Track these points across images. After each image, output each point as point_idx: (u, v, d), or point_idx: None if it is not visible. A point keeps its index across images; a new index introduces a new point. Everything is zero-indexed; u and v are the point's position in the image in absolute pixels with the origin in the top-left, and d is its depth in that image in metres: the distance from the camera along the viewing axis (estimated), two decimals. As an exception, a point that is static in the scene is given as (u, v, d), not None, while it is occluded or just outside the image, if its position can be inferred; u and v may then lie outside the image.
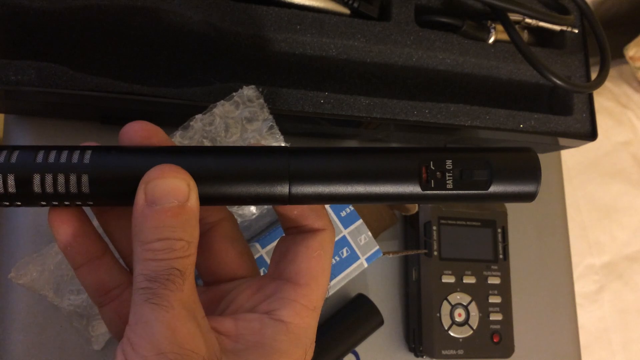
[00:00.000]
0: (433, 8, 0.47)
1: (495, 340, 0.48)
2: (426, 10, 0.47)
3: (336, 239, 0.42)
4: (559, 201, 0.59)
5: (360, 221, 0.43)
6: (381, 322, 0.46)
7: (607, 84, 0.85)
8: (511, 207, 0.52)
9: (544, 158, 0.58)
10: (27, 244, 0.41)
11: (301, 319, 0.24)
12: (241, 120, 0.40)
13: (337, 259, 0.43)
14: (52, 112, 0.42)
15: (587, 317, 0.76)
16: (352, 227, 0.43)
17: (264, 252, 0.41)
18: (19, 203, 0.22)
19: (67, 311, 0.38)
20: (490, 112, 0.46)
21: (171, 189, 0.20)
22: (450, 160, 0.22)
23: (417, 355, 0.48)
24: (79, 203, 0.22)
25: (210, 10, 0.40)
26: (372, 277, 0.49)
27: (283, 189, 0.22)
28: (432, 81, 0.48)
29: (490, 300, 0.49)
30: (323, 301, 0.25)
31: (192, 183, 0.21)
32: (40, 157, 0.21)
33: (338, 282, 0.42)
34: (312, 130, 0.47)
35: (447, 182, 0.22)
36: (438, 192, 0.22)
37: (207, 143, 0.40)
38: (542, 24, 0.48)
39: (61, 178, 0.21)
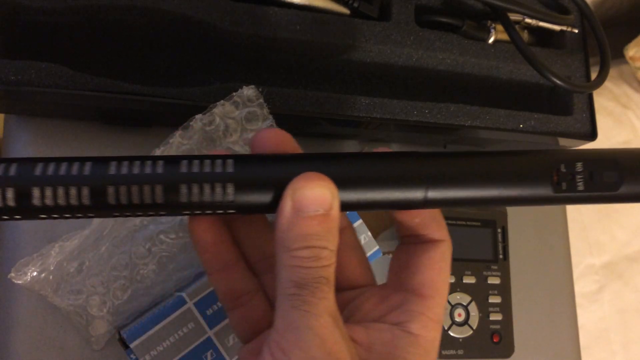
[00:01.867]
0: (433, 8, 0.47)
1: (495, 340, 0.48)
2: (426, 10, 0.46)
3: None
4: (559, 201, 0.59)
5: (360, 221, 0.43)
6: (381, 322, 0.46)
7: (607, 84, 0.85)
8: (511, 208, 0.52)
9: (544, 158, 0.58)
10: (27, 244, 0.41)
11: (428, 331, 0.24)
12: (241, 120, 0.40)
13: (337, 259, 0.42)
14: (52, 112, 0.42)
15: (587, 317, 0.76)
16: (352, 227, 0.43)
17: (264, 252, 0.41)
18: (163, 213, 0.22)
19: (67, 311, 0.38)
20: (490, 112, 0.46)
21: (317, 197, 0.21)
22: (581, 163, 0.23)
23: (417, 355, 0.48)
24: (221, 212, 0.22)
25: (210, 10, 0.40)
26: (372, 277, 0.49)
27: (419, 193, 0.22)
28: (432, 81, 0.48)
29: (490, 300, 0.49)
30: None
31: (335, 191, 0.21)
32: (184, 167, 0.21)
33: (338, 282, 0.42)
34: (312, 130, 0.47)
35: (578, 184, 0.23)
36: (569, 194, 0.23)
37: (206, 143, 0.40)
38: (542, 24, 0.48)
39: (207, 188, 0.21)
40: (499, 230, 0.50)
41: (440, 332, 0.25)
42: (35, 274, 0.37)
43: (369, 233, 0.43)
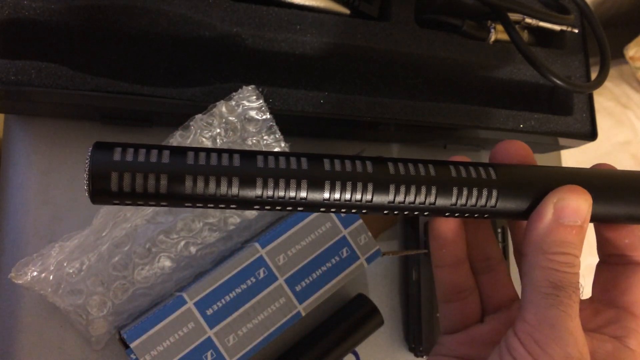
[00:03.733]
0: (433, 8, 0.47)
1: (495, 340, 0.48)
2: (426, 10, 0.47)
3: (336, 239, 0.42)
4: (559, 201, 0.59)
5: (360, 221, 0.43)
6: (381, 322, 0.46)
7: (607, 84, 0.85)
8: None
9: (544, 158, 0.58)
10: (27, 244, 0.41)
11: None
12: (241, 120, 0.40)
13: (337, 259, 0.43)
14: (52, 112, 0.42)
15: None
16: (352, 227, 0.43)
17: (264, 252, 0.41)
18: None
19: (67, 311, 0.38)
20: (490, 112, 0.46)
21: (578, 208, 0.23)
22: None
23: (417, 355, 0.48)
24: (477, 216, 0.24)
25: (210, 10, 0.40)
26: (372, 277, 0.49)
27: None
28: (432, 81, 0.48)
29: (490, 300, 0.48)
30: None
31: (591, 205, 0.23)
32: (453, 172, 0.23)
33: (338, 282, 0.42)
34: (312, 130, 0.47)
35: None
36: None
37: (206, 143, 0.40)
38: (542, 23, 0.48)
39: (474, 192, 0.23)
40: (499, 230, 0.50)
41: None
42: (35, 274, 0.37)
43: (369, 233, 0.43)
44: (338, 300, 0.46)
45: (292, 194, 0.21)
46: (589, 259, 0.28)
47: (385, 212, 0.23)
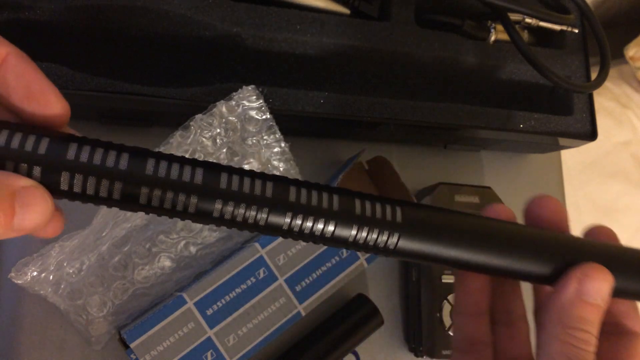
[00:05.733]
0: (433, 8, 0.47)
1: (495, 340, 0.48)
2: (426, 9, 0.46)
3: (336, 239, 0.42)
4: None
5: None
6: (381, 322, 0.46)
7: (607, 84, 0.85)
8: (511, 207, 0.52)
9: (544, 158, 0.58)
10: (27, 244, 0.41)
11: None
12: (241, 120, 0.40)
13: (337, 259, 0.43)
14: (52, 112, 0.42)
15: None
16: (352, 227, 0.43)
17: (264, 252, 0.41)
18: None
19: (67, 311, 0.38)
20: (490, 112, 0.46)
21: (601, 289, 0.23)
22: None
23: (417, 355, 0.48)
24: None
25: (210, 10, 0.40)
26: (372, 277, 0.49)
27: None
28: (432, 81, 0.48)
29: (490, 300, 0.48)
30: None
31: (612, 287, 0.24)
32: None
33: (338, 282, 0.42)
34: (312, 130, 0.47)
35: None
36: None
37: (206, 143, 0.40)
38: (542, 23, 0.48)
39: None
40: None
41: None
42: (35, 274, 0.37)
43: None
44: (338, 300, 0.46)
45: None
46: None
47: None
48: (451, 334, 0.47)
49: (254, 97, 0.39)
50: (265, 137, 0.41)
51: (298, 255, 0.41)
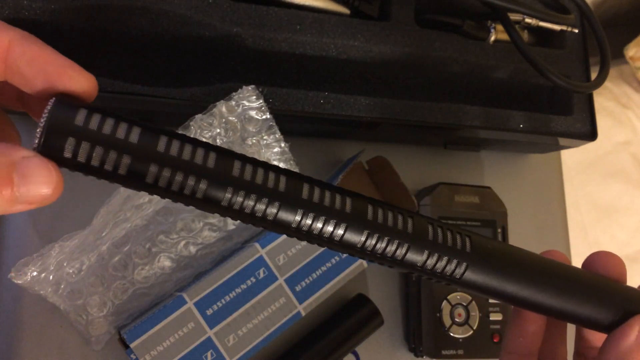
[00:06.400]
0: (433, 8, 0.47)
1: (495, 340, 0.48)
2: (426, 9, 0.46)
3: (336, 239, 0.42)
4: (559, 201, 0.59)
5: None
6: (381, 322, 0.46)
7: (607, 84, 0.85)
8: (511, 207, 0.52)
9: (544, 158, 0.58)
10: (27, 244, 0.41)
11: None
12: (241, 120, 0.40)
13: (337, 259, 0.43)
14: (52, 112, 0.42)
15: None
16: (352, 227, 0.43)
17: (264, 252, 0.41)
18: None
19: (67, 311, 0.38)
20: (490, 112, 0.46)
21: None
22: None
23: (417, 355, 0.48)
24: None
25: (210, 10, 0.40)
26: (372, 277, 0.49)
27: None
28: (432, 81, 0.48)
29: (490, 300, 0.48)
30: None
31: None
32: None
33: (338, 282, 0.42)
34: (312, 130, 0.47)
35: None
36: None
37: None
38: (542, 23, 0.48)
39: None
40: (499, 230, 0.50)
41: None
42: (35, 274, 0.37)
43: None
44: (338, 300, 0.46)
45: (261, 212, 0.19)
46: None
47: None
48: (451, 334, 0.47)
49: (254, 97, 0.39)
50: (265, 137, 0.41)
51: (298, 255, 0.41)
